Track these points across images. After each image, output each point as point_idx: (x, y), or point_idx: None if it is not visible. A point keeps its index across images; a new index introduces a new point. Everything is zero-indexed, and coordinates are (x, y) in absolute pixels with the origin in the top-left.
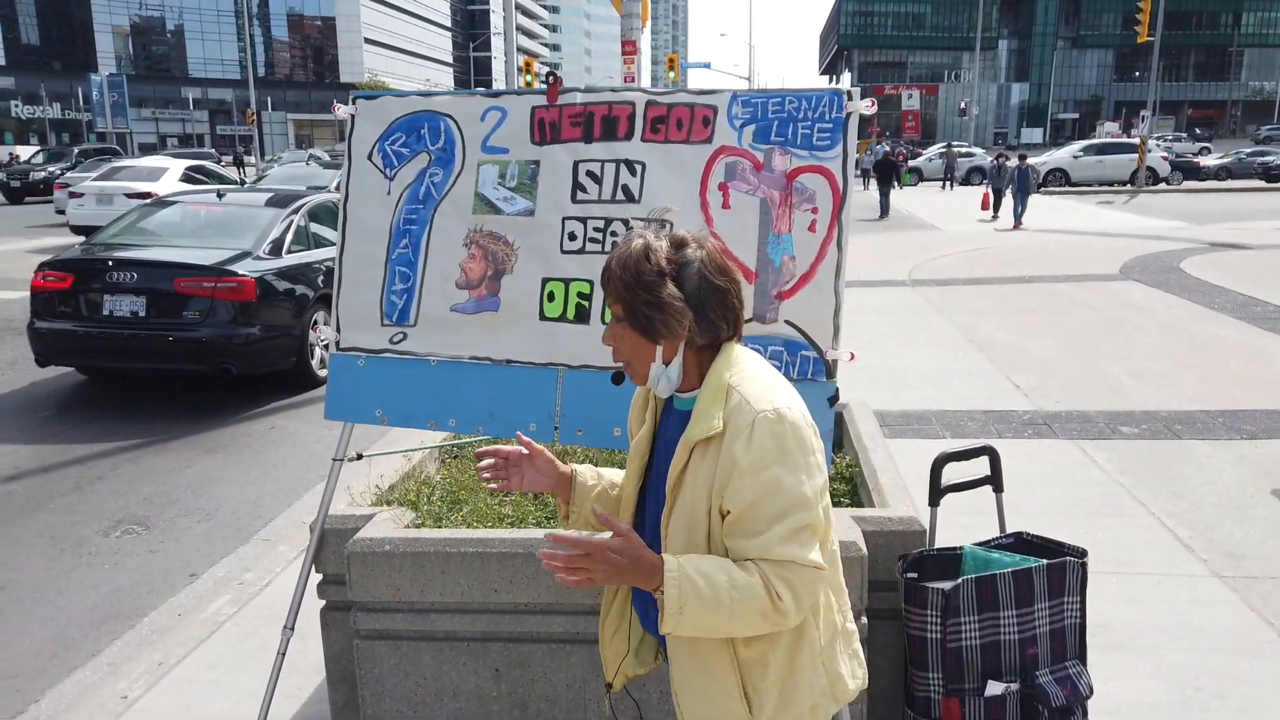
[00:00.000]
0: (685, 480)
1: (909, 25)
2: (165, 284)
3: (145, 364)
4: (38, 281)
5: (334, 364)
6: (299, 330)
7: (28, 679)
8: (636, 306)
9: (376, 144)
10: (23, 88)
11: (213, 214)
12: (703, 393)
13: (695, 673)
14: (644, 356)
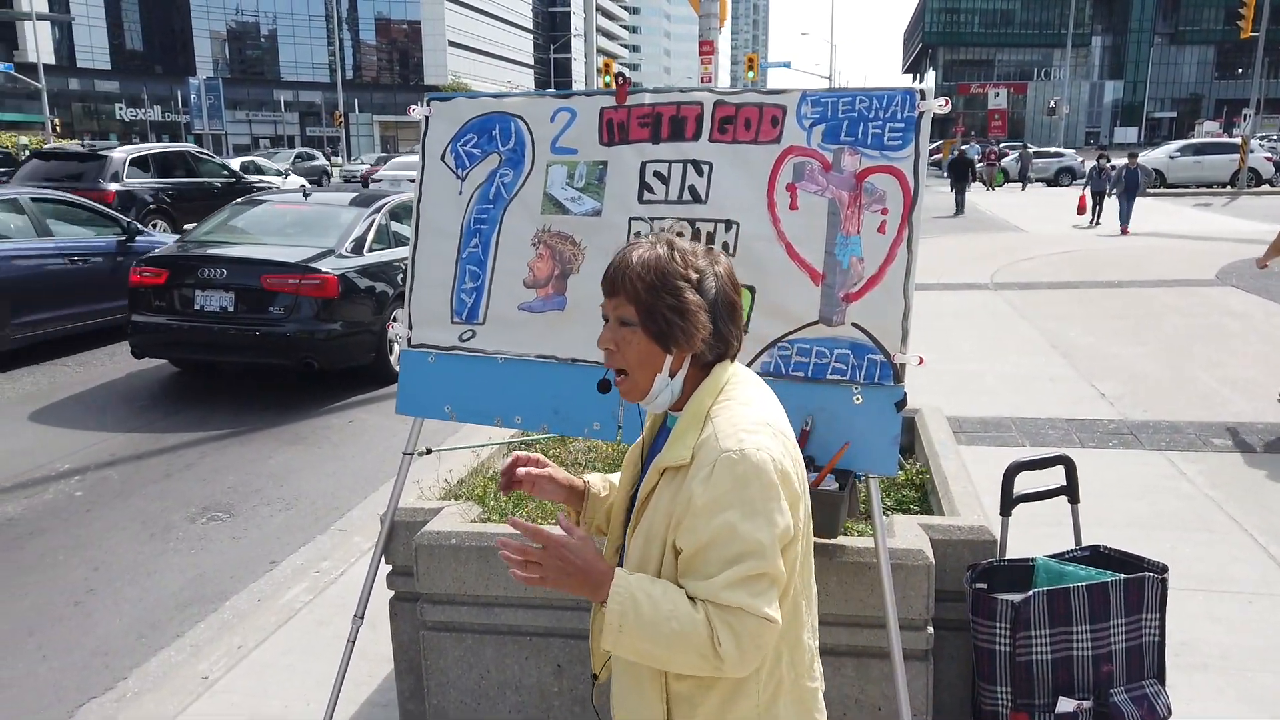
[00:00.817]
0: (650, 504)
1: (997, 22)
2: (253, 280)
3: (233, 357)
4: (135, 277)
5: (405, 360)
6: (378, 326)
7: (117, 656)
8: (658, 310)
9: (449, 145)
10: (126, 91)
11: (298, 213)
12: (682, 417)
13: (629, 690)
14: (650, 365)
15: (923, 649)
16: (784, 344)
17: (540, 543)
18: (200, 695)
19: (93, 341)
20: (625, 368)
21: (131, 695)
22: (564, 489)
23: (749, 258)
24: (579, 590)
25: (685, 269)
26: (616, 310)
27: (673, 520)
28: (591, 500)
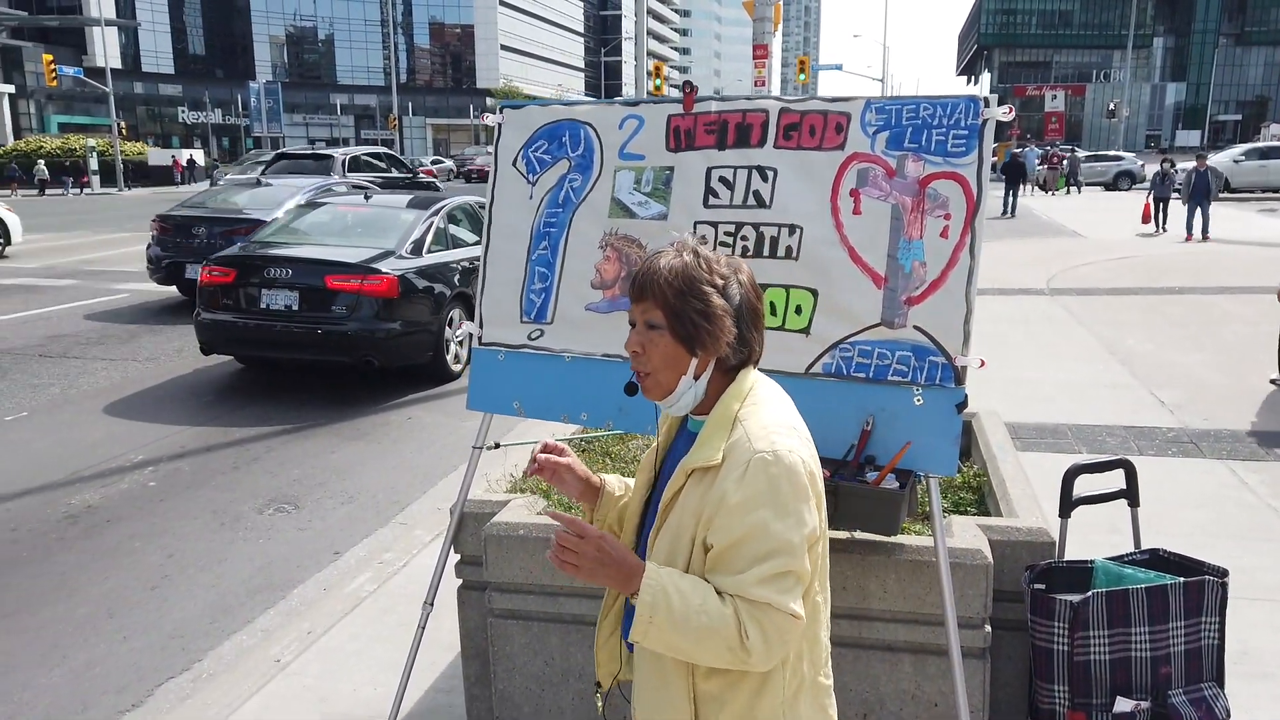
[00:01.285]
0: (677, 504)
1: (1055, 23)
2: (317, 280)
3: (296, 354)
4: (204, 276)
5: (476, 358)
6: (436, 326)
7: (192, 639)
8: (686, 314)
9: (520, 151)
10: (189, 95)
11: (359, 215)
12: (710, 420)
13: (654, 690)
14: (676, 368)
15: (980, 647)
16: (846, 345)
17: (578, 533)
18: (274, 677)
19: (161, 338)
20: (651, 369)
21: (207, 676)
22: (580, 483)
23: (812, 261)
24: (611, 582)
25: (711, 275)
26: (645, 314)
27: (703, 518)
28: (606, 498)
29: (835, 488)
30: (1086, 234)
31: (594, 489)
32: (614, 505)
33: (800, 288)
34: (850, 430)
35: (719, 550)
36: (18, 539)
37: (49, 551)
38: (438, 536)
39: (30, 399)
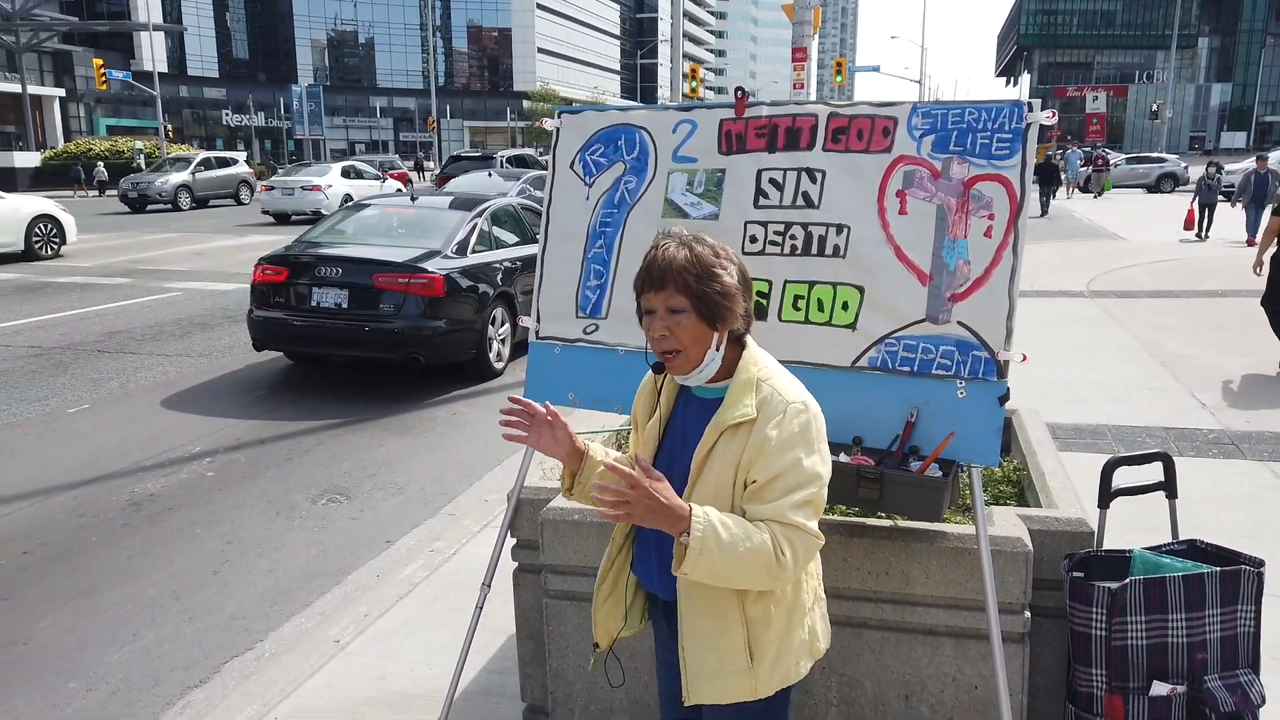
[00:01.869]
0: (710, 459)
1: (1097, 24)
2: (365, 279)
3: (345, 351)
4: (257, 275)
5: (533, 351)
6: (480, 325)
7: (253, 621)
8: (708, 295)
9: (578, 154)
10: (233, 98)
11: (405, 216)
12: (734, 383)
13: (706, 626)
14: (702, 343)
15: (1019, 632)
16: (891, 340)
17: (632, 484)
18: (333, 657)
19: (213, 334)
20: (680, 347)
21: (270, 655)
22: (565, 446)
23: (858, 259)
24: (662, 524)
25: (719, 259)
26: (668, 301)
27: (742, 463)
28: (589, 464)
29: (880, 476)
30: (1128, 236)
31: (579, 453)
32: (595, 469)
33: (847, 285)
34: (895, 422)
35: (761, 483)
36: (85, 525)
37: (115, 537)
38: (486, 526)
39: (91, 392)
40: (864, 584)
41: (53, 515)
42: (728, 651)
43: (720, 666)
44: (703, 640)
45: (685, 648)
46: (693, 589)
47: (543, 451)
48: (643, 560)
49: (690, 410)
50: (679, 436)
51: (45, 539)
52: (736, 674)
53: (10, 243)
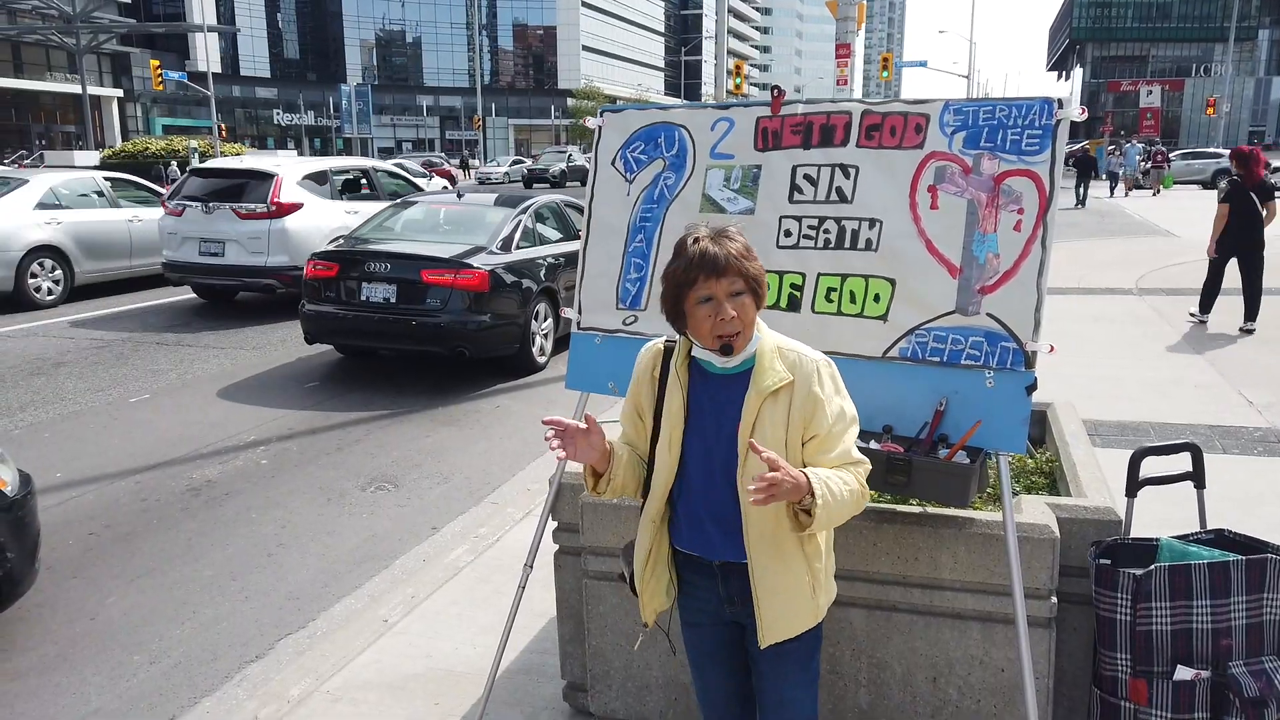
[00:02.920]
0: (759, 426)
1: (1152, 16)
2: (413, 274)
3: (393, 345)
4: (309, 270)
5: (574, 342)
6: (523, 319)
7: (306, 601)
8: (758, 278)
9: (619, 152)
10: (283, 97)
11: (451, 213)
12: (761, 354)
13: (779, 574)
14: (753, 321)
15: (1046, 616)
16: (921, 331)
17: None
18: (382, 635)
19: (266, 328)
20: (742, 328)
21: (322, 633)
22: (600, 449)
23: (890, 253)
24: (794, 495)
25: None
26: (730, 287)
27: (793, 421)
28: (614, 460)
29: (909, 463)
30: (1179, 233)
31: (608, 453)
32: (620, 463)
33: (879, 277)
34: (924, 411)
35: (822, 436)
36: (147, 508)
37: (175, 520)
38: (528, 514)
39: (151, 383)
40: (894, 568)
41: (117, 499)
42: (797, 590)
43: (792, 605)
44: (777, 586)
45: (761, 598)
46: (764, 544)
47: (577, 460)
48: (697, 532)
49: (710, 388)
50: (710, 412)
51: (110, 521)
52: (804, 607)
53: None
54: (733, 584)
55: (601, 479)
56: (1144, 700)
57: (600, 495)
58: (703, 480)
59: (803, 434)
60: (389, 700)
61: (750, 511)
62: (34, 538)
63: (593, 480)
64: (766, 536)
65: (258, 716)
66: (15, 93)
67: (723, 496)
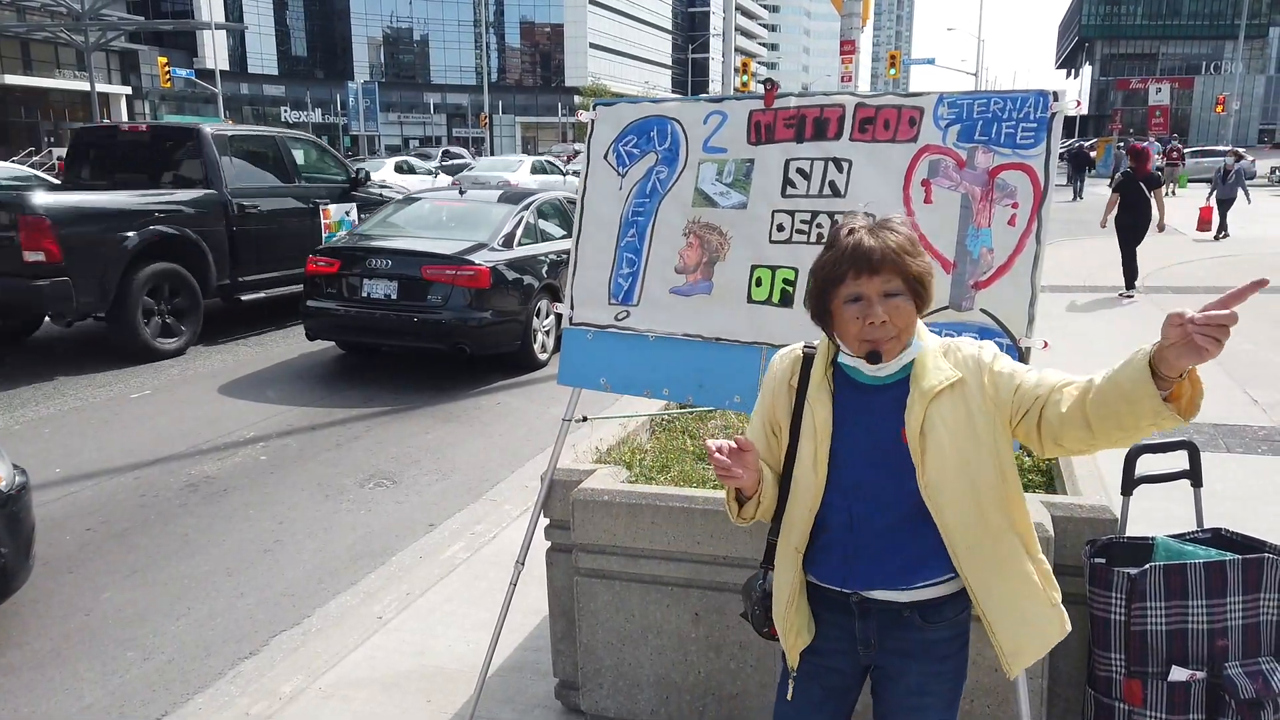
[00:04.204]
0: (927, 431)
1: (1161, 13)
2: (414, 271)
3: (394, 341)
4: (310, 266)
5: (566, 337)
6: (524, 316)
7: (301, 597)
8: (922, 278)
9: (611, 145)
10: (291, 95)
11: (454, 209)
12: (925, 355)
13: (1008, 590)
14: (913, 325)
15: None
16: None
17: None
18: (376, 632)
19: (267, 325)
20: (897, 333)
21: (316, 630)
22: (755, 470)
23: None
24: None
25: (916, 243)
26: (886, 285)
27: (988, 412)
28: (765, 483)
29: None
30: (1187, 231)
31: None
32: (769, 486)
33: None
34: None
35: (1032, 385)
36: (145, 503)
37: (173, 515)
38: (525, 511)
39: (152, 379)
40: None
41: (115, 494)
42: (1033, 599)
43: (1033, 618)
44: (1009, 604)
45: (993, 622)
46: (979, 561)
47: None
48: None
49: (861, 398)
50: (863, 426)
51: (107, 516)
52: (1045, 618)
53: None
54: (870, 622)
55: (750, 503)
56: (1139, 701)
57: (745, 522)
58: (850, 503)
59: (1010, 418)
60: (381, 697)
61: (949, 524)
62: (29, 532)
63: (736, 506)
64: (978, 546)
65: (249, 713)
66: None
67: (875, 520)
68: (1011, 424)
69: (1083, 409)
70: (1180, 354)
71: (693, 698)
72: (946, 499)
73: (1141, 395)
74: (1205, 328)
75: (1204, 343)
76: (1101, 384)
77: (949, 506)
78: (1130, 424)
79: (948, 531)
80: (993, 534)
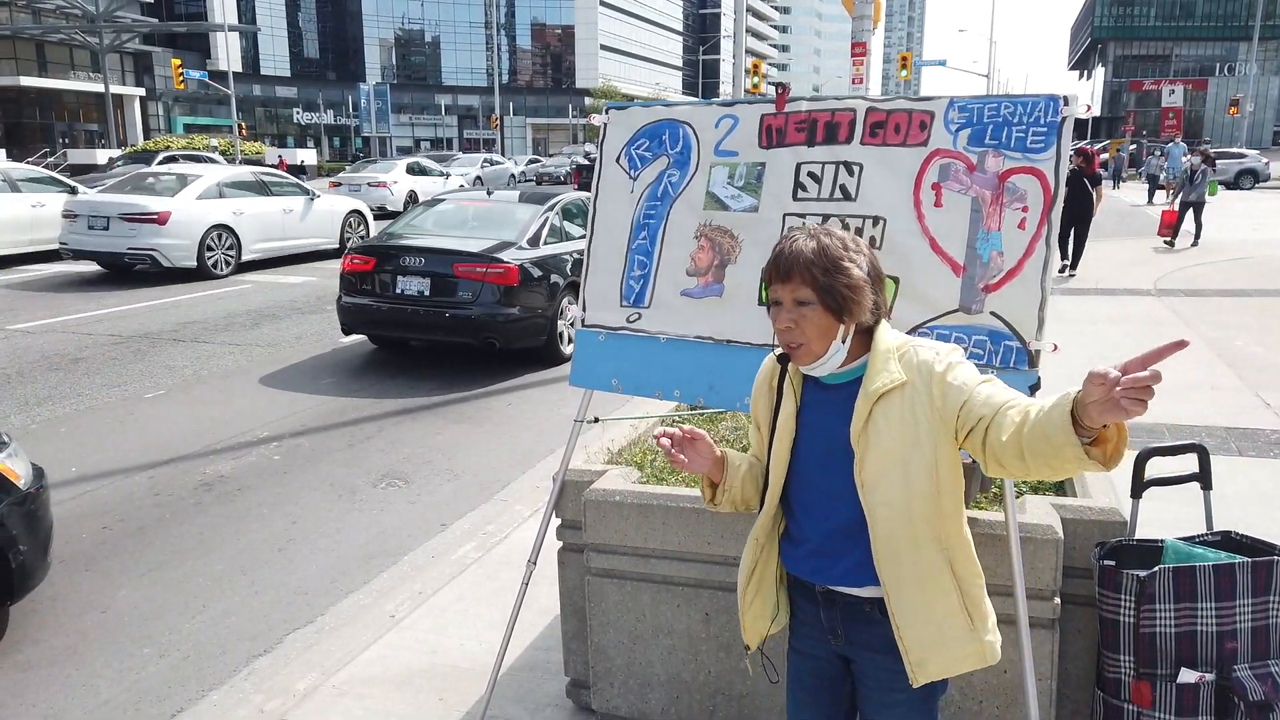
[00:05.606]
0: (870, 431)
1: (1175, 15)
2: (446, 268)
3: (426, 336)
4: (346, 264)
5: (578, 338)
6: (550, 312)
7: (314, 596)
8: (835, 289)
9: (624, 149)
10: (303, 96)
11: (480, 210)
12: (874, 356)
13: (920, 600)
14: (828, 336)
15: (1049, 618)
16: (924, 330)
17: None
18: (389, 630)
19: (281, 326)
20: (804, 340)
21: (329, 628)
22: (710, 459)
23: (894, 250)
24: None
25: (847, 252)
26: (794, 293)
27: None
28: (730, 470)
29: None
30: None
31: (721, 462)
32: (737, 474)
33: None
34: None
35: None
36: (160, 502)
37: (188, 514)
38: (537, 512)
39: (167, 379)
40: None
41: (130, 493)
42: (947, 618)
43: (943, 636)
44: (920, 614)
45: (901, 627)
46: (898, 565)
47: (692, 470)
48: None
49: (824, 397)
50: (816, 424)
51: (123, 515)
52: (960, 641)
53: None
54: (835, 612)
55: (718, 489)
56: (1148, 703)
57: (718, 508)
58: (812, 497)
59: (956, 431)
60: (394, 695)
61: (877, 523)
62: (47, 531)
63: (710, 491)
64: (898, 550)
65: (264, 710)
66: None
67: (833, 515)
68: (959, 438)
69: (1019, 441)
70: (1103, 411)
71: (703, 697)
72: (879, 499)
73: (1064, 443)
74: (1129, 390)
75: (1128, 404)
76: (1034, 421)
77: (879, 507)
78: (1057, 465)
79: (874, 530)
80: (916, 543)
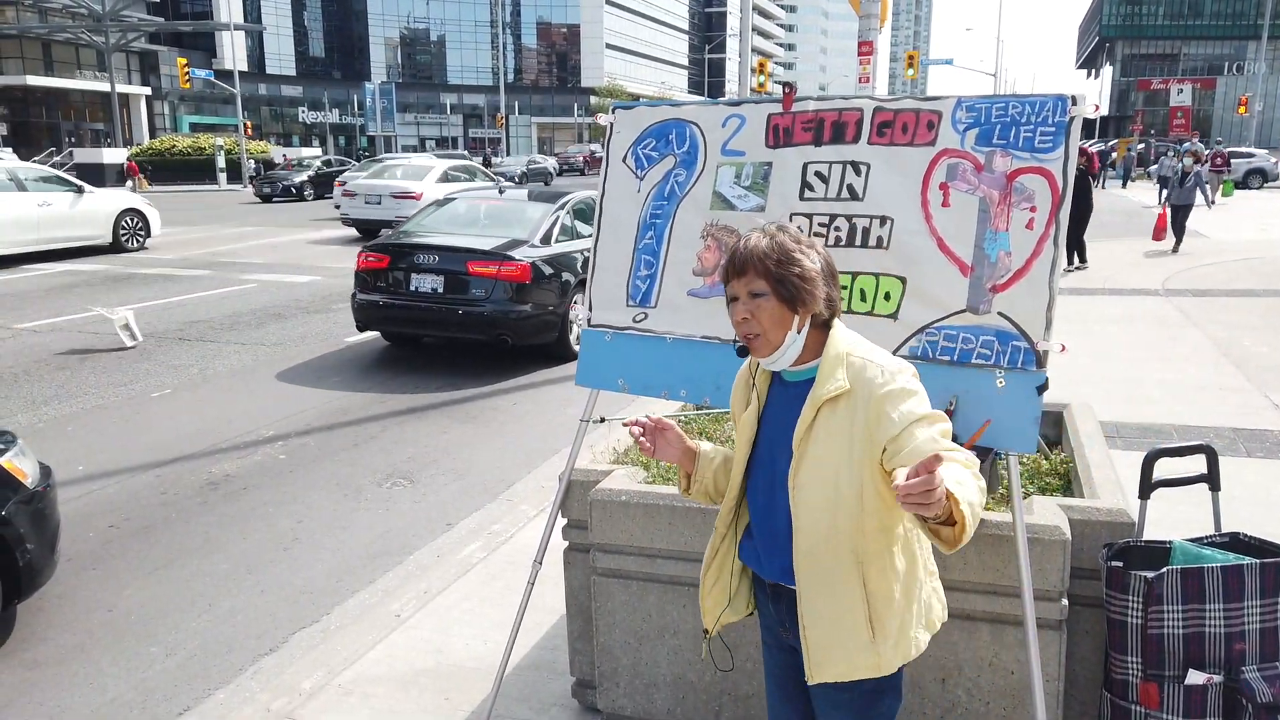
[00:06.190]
0: (812, 435)
1: (1183, 13)
2: (460, 266)
3: (439, 333)
4: (361, 261)
5: (585, 338)
6: (561, 310)
7: (319, 595)
8: (787, 279)
9: (630, 148)
10: (308, 95)
11: (493, 208)
12: (824, 362)
13: (827, 604)
14: (782, 326)
15: (1056, 619)
16: (932, 330)
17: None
18: (394, 630)
19: (287, 325)
20: (760, 330)
21: (335, 628)
22: (680, 450)
23: (901, 250)
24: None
25: (799, 245)
26: (748, 286)
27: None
28: (703, 460)
29: None
30: (1209, 234)
31: (692, 453)
32: (709, 466)
33: (889, 275)
34: None
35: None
36: (167, 501)
37: (194, 513)
38: (542, 511)
39: (173, 378)
40: None
41: (137, 492)
42: (851, 628)
43: (843, 643)
44: (825, 618)
45: (806, 626)
46: (813, 569)
47: (660, 458)
48: (756, 548)
49: (786, 396)
50: (777, 422)
51: (130, 514)
52: (859, 650)
53: (98, 235)
54: (781, 606)
55: (691, 479)
56: (1155, 704)
57: (691, 497)
58: (762, 494)
59: (880, 459)
60: (399, 694)
61: (800, 525)
62: (54, 529)
63: (684, 481)
64: (815, 555)
65: (270, 709)
66: (45, 90)
67: (777, 512)
68: (883, 464)
69: None
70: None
71: (708, 697)
72: (805, 499)
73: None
74: (906, 498)
75: (910, 509)
76: None
77: (805, 508)
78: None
79: (796, 532)
80: (832, 550)
